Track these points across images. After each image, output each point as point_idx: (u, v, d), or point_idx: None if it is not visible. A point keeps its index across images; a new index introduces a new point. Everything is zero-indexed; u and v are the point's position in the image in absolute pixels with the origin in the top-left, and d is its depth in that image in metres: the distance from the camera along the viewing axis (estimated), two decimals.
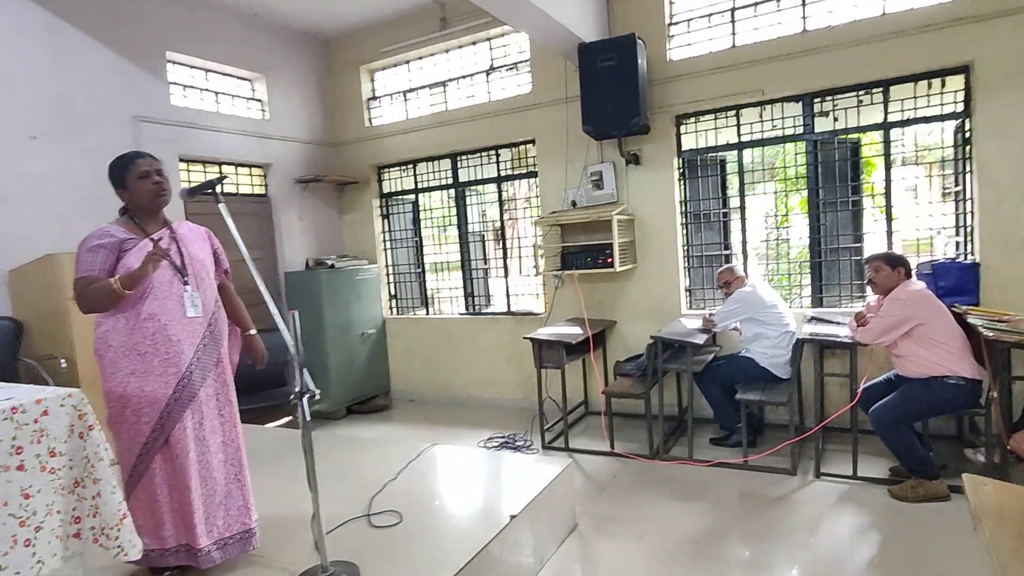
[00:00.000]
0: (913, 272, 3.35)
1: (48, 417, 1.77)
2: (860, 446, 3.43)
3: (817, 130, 4.24)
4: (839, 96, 4.14)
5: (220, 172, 5.20)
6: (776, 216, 4.66)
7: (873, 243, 4.26)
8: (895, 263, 3.23)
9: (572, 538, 2.98)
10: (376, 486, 2.93)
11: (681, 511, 3.19)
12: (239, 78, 5.41)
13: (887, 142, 4.03)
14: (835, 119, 4.19)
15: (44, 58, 3.92)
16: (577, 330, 4.39)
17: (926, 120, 3.94)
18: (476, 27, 5.20)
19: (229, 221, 2.16)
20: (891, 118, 4.01)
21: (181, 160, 4.79)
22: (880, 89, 4.02)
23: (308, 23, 5.66)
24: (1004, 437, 2.88)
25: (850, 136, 4.22)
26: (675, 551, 2.80)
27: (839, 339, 3.41)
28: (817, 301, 4.37)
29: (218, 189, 2.15)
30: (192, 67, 5.00)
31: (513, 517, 2.54)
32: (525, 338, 4.30)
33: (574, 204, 4.91)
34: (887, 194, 4.07)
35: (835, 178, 4.26)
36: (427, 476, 3.10)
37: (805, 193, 4.40)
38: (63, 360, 3.43)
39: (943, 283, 3.75)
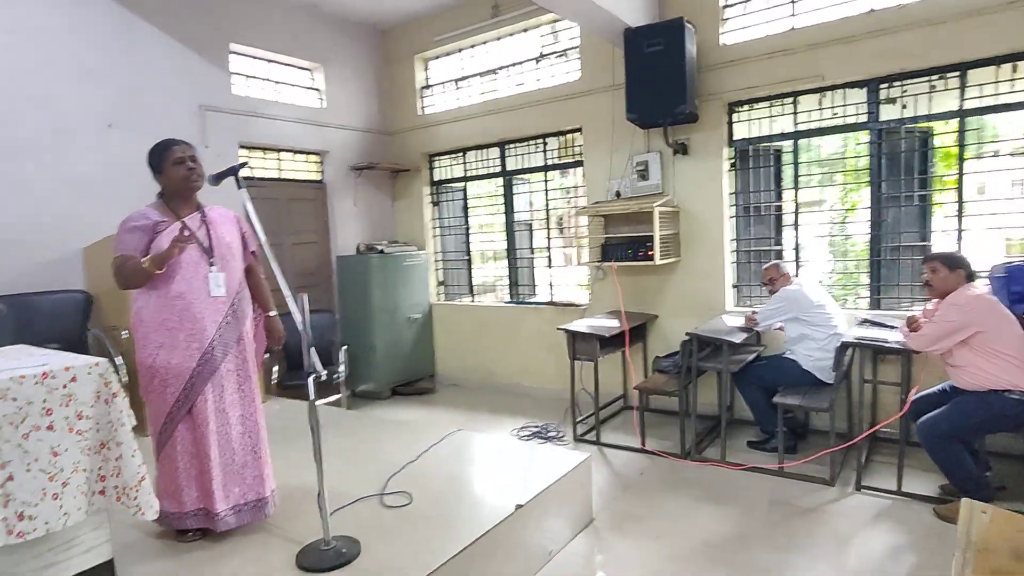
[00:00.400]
0: (980, 275, 3.06)
1: (76, 383, 1.93)
2: (910, 460, 3.20)
3: (882, 118, 3.93)
4: (908, 81, 3.82)
5: (278, 158, 5.45)
6: (835, 210, 4.36)
7: (945, 242, 3.91)
8: (954, 264, 2.96)
9: (586, 532, 2.96)
10: (395, 467, 3.01)
11: (704, 514, 3.09)
12: (298, 68, 5.63)
13: (962, 132, 3.68)
14: (903, 107, 3.87)
15: (120, 52, 4.24)
16: (614, 323, 4.32)
17: (1008, 108, 3.57)
18: (527, 14, 5.16)
19: (250, 207, 2.25)
20: (968, 105, 3.66)
21: (242, 147, 5.06)
22: (956, 73, 3.67)
23: (366, 13, 5.80)
24: None
25: (920, 125, 3.88)
26: (690, 554, 2.72)
27: (887, 344, 3.17)
28: (874, 303, 4.08)
29: (240, 174, 2.24)
30: (254, 58, 5.25)
31: (519, 507, 2.54)
32: (559, 329, 4.27)
33: (618, 195, 4.81)
34: (959, 189, 3.73)
35: (900, 171, 3.94)
36: (446, 460, 3.15)
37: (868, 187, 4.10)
38: (124, 331, 3.73)
39: (1017, 287, 3.38)
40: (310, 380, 2.15)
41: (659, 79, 4.03)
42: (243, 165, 2.23)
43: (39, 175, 3.86)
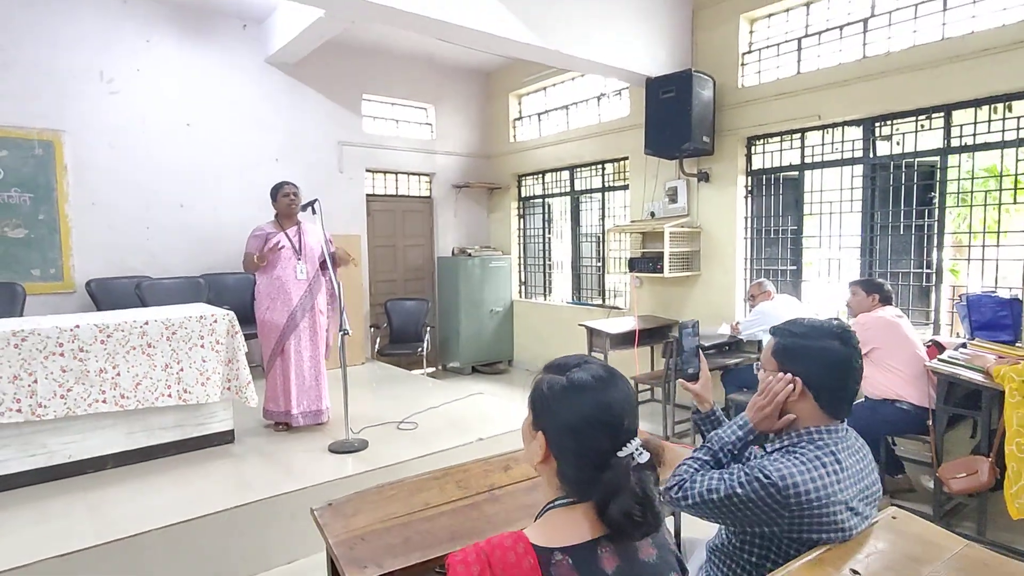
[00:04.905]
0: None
1: (216, 323, 3.45)
2: None
3: (879, 154, 4.29)
4: (900, 121, 4.15)
5: (396, 179, 7.02)
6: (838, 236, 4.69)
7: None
8: (871, 290, 3.42)
9: None
10: (422, 408, 4.26)
11: None
12: (415, 107, 7.15)
13: (943, 168, 3.96)
14: (897, 143, 4.20)
15: (285, 107, 6.03)
16: (631, 324, 5.14)
17: (987, 147, 3.79)
18: None
19: (319, 228, 3.63)
20: (953, 143, 3.93)
21: (368, 171, 6.68)
22: (941, 114, 3.96)
23: (474, 61, 7.13)
24: (934, 466, 3.02)
25: (924, 160, 4.17)
26: None
27: None
28: None
29: (315, 207, 3.61)
30: (380, 102, 6.85)
31: (480, 440, 3.64)
32: (580, 325, 5.21)
33: (652, 215, 5.57)
34: (940, 221, 4.00)
35: (891, 202, 4.25)
36: (457, 409, 4.31)
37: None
38: None
39: (976, 317, 3.66)
40: (340, 335, 3.44)
41: (670, 119, 4.77)
42: (315, 201, 3.60)
43: (233, 194, 5.75)
